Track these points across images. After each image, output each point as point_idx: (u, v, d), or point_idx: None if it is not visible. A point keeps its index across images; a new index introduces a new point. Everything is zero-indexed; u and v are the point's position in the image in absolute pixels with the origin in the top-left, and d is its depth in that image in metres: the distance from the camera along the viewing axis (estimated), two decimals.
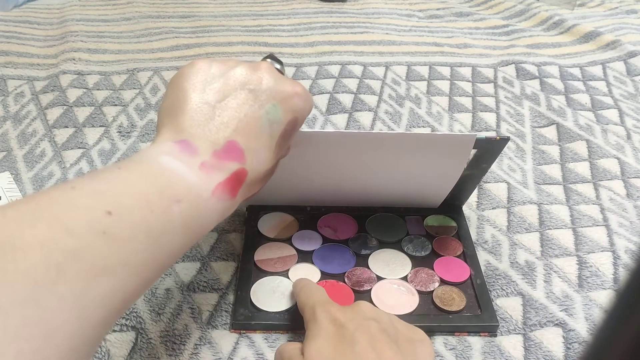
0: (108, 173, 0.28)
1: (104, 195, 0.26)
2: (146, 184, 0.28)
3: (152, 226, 0.27)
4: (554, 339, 0.43)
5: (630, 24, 1.04)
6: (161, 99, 0.72)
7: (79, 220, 0.24)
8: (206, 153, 0.30)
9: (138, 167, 0.29)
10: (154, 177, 0.28)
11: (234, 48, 0.86)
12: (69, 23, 0.93)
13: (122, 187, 0.27)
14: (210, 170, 0.30)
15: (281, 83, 0.34)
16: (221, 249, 0.50)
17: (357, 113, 0.71)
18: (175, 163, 0.29)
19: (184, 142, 0.30)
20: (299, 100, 0.34)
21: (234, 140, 0.31)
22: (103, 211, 0.25)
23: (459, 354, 0.41)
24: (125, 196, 0.26)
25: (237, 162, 0.31)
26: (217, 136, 0.31)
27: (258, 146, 0.32)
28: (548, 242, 0.52)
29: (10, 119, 0.67)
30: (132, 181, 0.28)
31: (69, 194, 0.25)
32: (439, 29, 0.99)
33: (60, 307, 0.22)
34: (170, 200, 0.28)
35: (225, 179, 0.30)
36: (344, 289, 0.45)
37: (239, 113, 0.32)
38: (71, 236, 0.23)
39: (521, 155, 0.65)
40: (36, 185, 0.56)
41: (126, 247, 0.25)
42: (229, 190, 0.31)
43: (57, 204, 0.25)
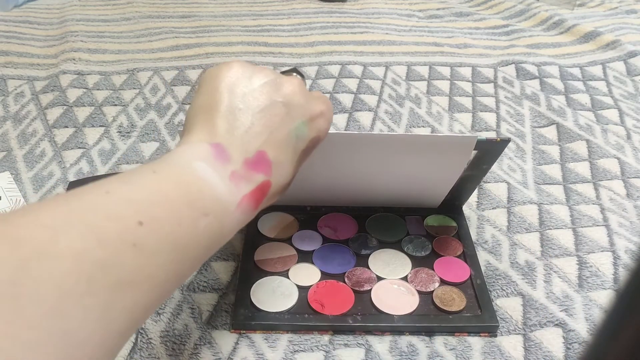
0: (142, 177, 0.28)
1: (136, 203, 0.26)
2: (178, 194, 0.27)
3: (179, 239, 0.27)
4: (554, 339, 0.43)
5: (630, 24, 1.04)
6: (161, 99, 0.72)
7: (111, 230, 0.24)
8: (238, 162, 0.30)
9: (171, 172, 0.28)
10: (186, 186, 0.28)
11: (234, 48, 0.86)
12: (69, 23, 0.93)
13: (155, 196, 0.27)
14: (239, 180, 0.30)
15: (311, 101, 0.35)
16: (221, 249, 0.50)
17: (357, 113, 0.71)
18: (208, 171, 0.29)
19: (218, 146, 0.30)
20: (324, 121, 0.35)
21: (265, 151, 0.31)
22: (135, 221, 0.25)
23: (459, 354, 0.41)
24: (157, 206, 0.26)
25: (264, 174, 0.31)
26: (249, 145, 0.31)
27: (284, 159, 0.32)
28: (548, 242, 0.52)
29: (10, 119, 0.67)
30: (165, 190, 0.27)
31: (103, 199, 0.25)
32: (439, 29, 0.99)
33: (86, 320, 0.22)
34: (199, 213, 0.27)
35: (251, 190, 0.30)
36: (344, 289, 0.45)
37: (272, 124, 0.32)
38: (103, 247, 0.23)
39: (521, 155, 0.65)
40: (36, 185, 0.56)
41: (153, 261, 0.25)
42: (253, 203, 0.31)
43: (91, 210, 0.24)
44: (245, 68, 0.34)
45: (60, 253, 0.22)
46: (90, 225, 0.23)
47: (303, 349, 0.41)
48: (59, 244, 0.22)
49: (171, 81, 0.76)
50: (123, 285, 0.23)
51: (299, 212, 0.52)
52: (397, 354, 0.41)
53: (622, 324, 0.16)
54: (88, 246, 0.23)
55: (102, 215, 0.24)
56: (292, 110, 0.33)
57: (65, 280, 0.22)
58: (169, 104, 0.71)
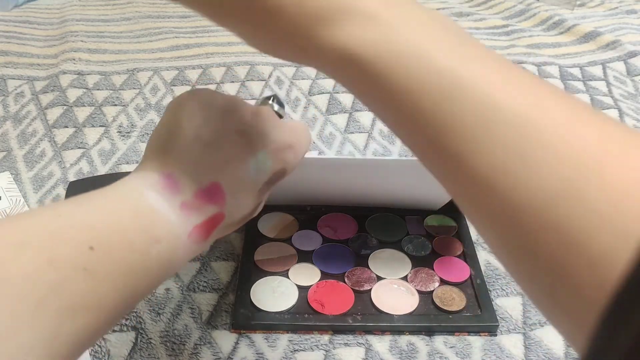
0: (94, 202, 0.28)
1: (88, 228, 0.26)
2: (130, 221, 0.27)
3: (131, 265, 0.26)
4: (554, 337, 0.43)
5: (630, 24, 1.04)
6: (161, 99, 0.72)
7: (62, 254, 0.24)
8: (189, 192, 0.29)
9: (123, 199, 0.28)
10: (137, 213, 0.28)
11: (233, 48, 0.86)
12: (69, 23, 0.93)
13: (106, 221, 0.26)
14: (190, 211, 0.29)
15: (277, 133, 0.33)
16: (221, 249, 0.50)
17: (357, 113, 0.71)
18: (159, 200, 0.28)
19: (169, 176, 0.30)
20: (291, 153, 0.33)
21: (218, 183, 0.30)
22: (87, 246, 0.24)
23: (459, 352, 0.41)
24: (109, 232, 0.26)
25: (217, 205, 0.30)
26: (202, 176, 0.30)
27: (240, 191, 0.31)
28: None
29: (10, 119, 0.67)
30: (117, 215, 0.27)
31: (55, 222, 0.25)
32: None
33: (34, 345, 0.22)
34: (150, 240, 0.27)
35: (202, 221, 0.30)
36: (344, 289, 0.45)
37: (228, 155, 0.31)
38: (54, 270, 0.23)
39: None
40: (36, 185, 0.56)
41: (104, 286, 0.25)
42: (203, 233, 0.30)
43: (43, 233, 0.24)
44: (208, 97, 0.32)
45: (11, 274, 0.22)
46: (41, 247, 0.23)
47: (303, 348, 0.41)
48: (11, 266, 0.22)
49: (171, 81, 0.76)
50: (73, 309, 0.23)
51: (299, 212, 0.52)
52: (397, 353, 0.41)
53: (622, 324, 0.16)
54: (40, 268, 0.23)
55: (54, 238, 0.24)
56: (253, 141, 0.32)
57: (16, 303, 0.21)
58: None
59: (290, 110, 0.71)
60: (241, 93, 0.74)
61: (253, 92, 0.74)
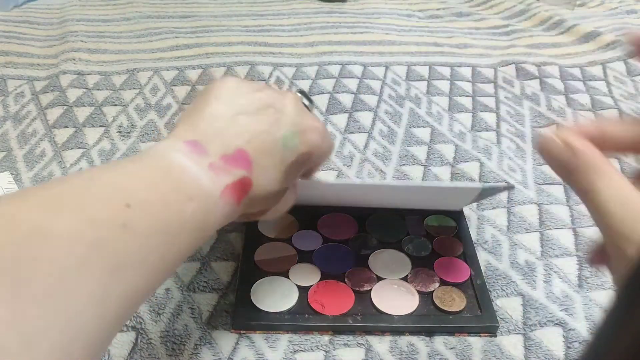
0: (122, 166, 0.28)
1: (122, 187, 0.26)
2: (162, 179, 0.28)
3: (168, 223, 0.27)
4: (554, 338, 0.43)
5: (630, 24, 1.04)
6: (161, 99, 0.72)
7: (101, 212, 0.24)
8: (215, 155, 0.30)
9: (151, 161, 0.29)
10: (168, 172, 0.28)
11: (234, 48, 0.86)
12: (69, 23, 0.93)
13: (138, 181, 0.27)
14: (218, 171, 0.30)
15: (303, 115, 0.34)
16: (221, 249, 0.50)
17: (357, 113, 0.71)
18: (186, 161, 0.29)
19: (193, 142, 0.30)
20: (317, 135, 0.34)
21: (246, 150, 0.31)
22: (123, 203, 0.25)
23: (459, 353, 0.41)
24: (142, 190, 0.26)
25: (244, 169, 0.31)
26: (229, 143, 0.31)
27: (267, 164, 0.32)
28: (548, 242, 0.52)
29: (10, 119, 0.67)
30: (148, 176, 0.28)
31: (88, 184, 0.25)
32: (439, 29, 0.99)
33: (85, 303, 0.22)
34: (184, 198, 0.28)
35: (232, 182, 0.30)
36: (344, 289, 0.45)
37: (258, 127, 0.32)
38: (95, 229, 0.23)
39: (521, 155, 0.65)
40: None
41: (144, 243, 0.25)
42: (235, 195, 0.30)
43: (79, 194, 0.24)
44: (238, 82, 0.34)
45: (54, 233, 0.22)
46: (80, 206, 0.24)
47: (303, 349, 0.41)
48: (51, 226, 0.22)
49: (171, 81, 0.76)
50: (117, 267, 0.23)
51: (299, 212, 0.52)
52: (397, 353, 0.41)
53: (622, 324, 0.16)
54: (81, 227, 0.23)
55: (90, 197, 0.24)
56: (282, 119, 0.33)
57: (63, 261, 0.21)
58: (169, 104, 0.71)
59: None
60: None
61: None
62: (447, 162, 0.62)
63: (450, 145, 0.65)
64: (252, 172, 0.31)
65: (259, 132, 0.32)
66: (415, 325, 0.43)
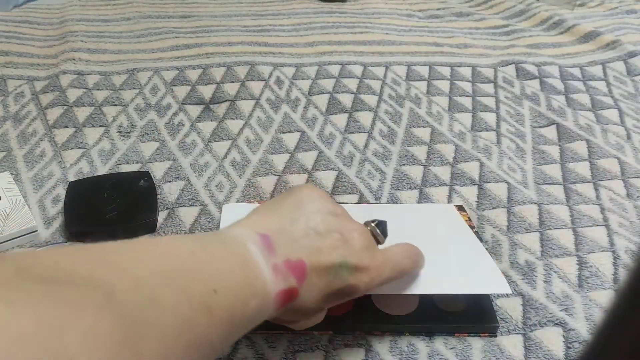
0: (214, 246, 0.30)
1: (212, 272, 0.28)
2: (240, 271, 0.29)
3: (234, 313, 0.28)
4: (554, 338, 0.43)
5: (630, 24, 1.04)
6: (161, 99, 0.72)
7: (196, 292, 0.26)
8: (280, 257, 0.32)
9: (234, 248, 0.31)
10: (245, 265, 0.30)
11: (234, 48, 0.86)
12: (69, 23, 0.93)
13: (224, 268, 0.29)
14: (278, 274, 0.31)
15: (366, 253, 0.35)
16: None
17: (357, 113, 0.71)
18: (259, 255, 0.31)
19: (266, 236, 0.32)
20: (369, 278, 0.35)
21: (305, 263, 0.32)
22: (212, 288, 0.27)
23: (459, 353, 0.41)
24: (226, 278, 0.28)
25: (298, 280, 0.32)
26: (293, 250, 0.32)
27: (316, 283, 0.33)
28: (548, 242, 0.52)
29: (10, 119, 0.67)
30: (231, 263, 0.29)
31: (190, 260, 0.28)
32: (439, 29, 0.99)
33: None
34: (252, 293, 0.29)
35: (285, 289, 0.31)
36: None
37: (321, 247, 0.33)
38: (190, 307, 0.25)
39: (521, 155, 0.65)
40: (36, 185, 0.56)
41: (218, 327, 0.27)
42: (283, 300, 0.31)
43: (182, 269, 0.27)
44: (322, 195, 0.36)
45: (159, 305, 0.24)
46: (182, 284, 0.26)
47: (303, 349, 0.41)
48: (158, 297, 0.24)
49: (171, 81, 0.76)
50: (199, 344, 0.25)
51: None
52: (397, 353, 0.41)
53: (622, 324, 0.16)
54: (179, 303, 0.25)
55: (190, 276, 0.27)
56: (345, 247, 0.34)
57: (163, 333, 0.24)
58: (169, 104, 0.71)
59: (290, 110, 0.71)
60: (241, 93, 0.74)
61: (253, 92, 0.74)
62: (447, 162, 0.62)
63: (450, 145, 0.65)
64: (303, 285, 0.32)
65: (320, 252, 0.33)
66: (415, 325, 0.43)
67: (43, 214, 0.53)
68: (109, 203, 0.52)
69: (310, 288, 0.33)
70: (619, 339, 0.15)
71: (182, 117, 0.68)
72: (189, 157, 0.61)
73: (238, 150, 0.63)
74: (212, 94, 0.73)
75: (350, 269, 0.34)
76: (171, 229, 0.52)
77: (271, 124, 0.68)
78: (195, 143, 0.64)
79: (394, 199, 0.56)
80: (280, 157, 0.62)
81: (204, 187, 0.57)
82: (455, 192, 0.58)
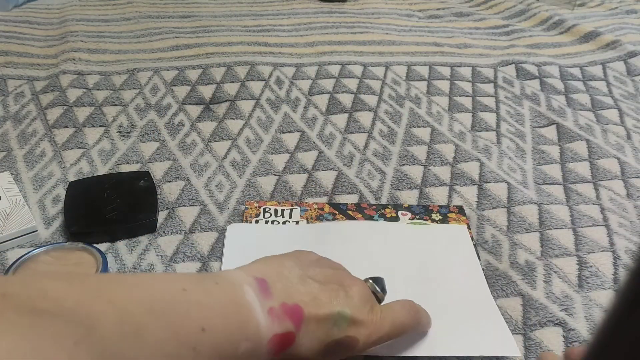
0: (207, 285, 0.30)
1: (202, 310, 0.28)
2: (233, 313, 0.30)
3: (222, 354, 0.28)
4: (554, 338, 0.43)
5: (630, 24, 1.04)
6: (161, 99, 0.72)
7: (183, 330, 0.26)
8: (277, 300, 0.32)
9: (228, 288, 0.31)
10: (238, 308, 0.30)
11: (233, 48, 0.86)
12: (69, 23, 0.93)
13: (215, 308, 0.29)
14: (274, 318, 0.31)
15: (365, 306, 0.35)
16: (221, 249, 0.50)
17: (357, 113, 0.71)
18: (254, 298, 0.31)
19: (263, 280, 0.32)
20: (367, 332, 0.34)
21: (302, 308, 0.32)
22: (200, 327, 0.27)
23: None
24: (216, 318, 0.29)
25: (294, 325, 0.32)
26: (291, 294, 0.33)
27: (314, 330, 0.33)
28: (548, 242, 0.52)
29: (10, 119, 0.67)
30: (223, 304, 0.30)
31: (180, 296, 0.28)
32: (439, 29, 0.99)
33: None
34: (243, 336, 0.29)
35: (280, 333, 0.31)
36: None
37: (318, 295, 0.34)
38: (175, 345, 0.26)
39: (521, 155, 0.65)
40: (36, 185, 0.56)
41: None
42: (278, 346, 0.31)
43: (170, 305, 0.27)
44: (322, 257, 0.37)
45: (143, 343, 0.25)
46: (168, 320, 0.26)
47: None
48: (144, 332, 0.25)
49: (171, 81, 0.76)
50: None
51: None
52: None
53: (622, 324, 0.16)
54: (164, 341, 0.25)
55: (178, 313, 0.27)
56: (343, 297, 0.34)
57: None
58: (169, 104, 0.71)
59: (290, 110, 0.71)
60: (241, 93, 0.74)
61: (253, 92, 0.74)
62: (447, 162, 0.62)
63: (450, 145, 0.65)
64: (299, 331, 0.32)
65: (318, 299, 0.33)
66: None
67: (43, 214, 0.53)
68: (109, 203, 0.52)
69: (307, 335, 0.32)
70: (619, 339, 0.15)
71: (182, 117, 0.68)
72: (189, 157, 0.61)
73: (238, 150, 0.63)
74: (212, 94, 0.73)
75: (349, 320, 0.34)
76: (171, 229, 0.52)
77: (271, 124, 0.68)
78: (195, 143, 0.64)
79: (394, 199, 0.56)
80: (280, 157, 0.62)
81: (204, 187, 0.57)
82: (455, 192, 0.58)
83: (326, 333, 0.33)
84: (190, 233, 0.51)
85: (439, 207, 0.54)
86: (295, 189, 0.57)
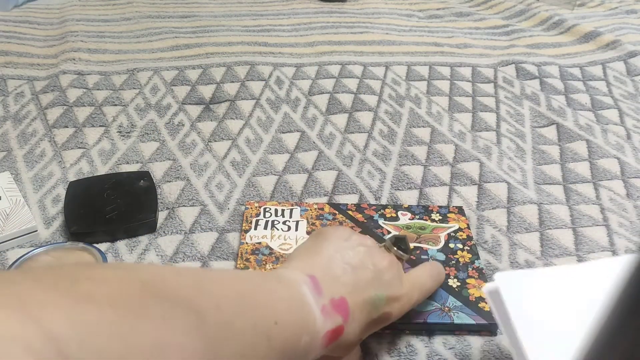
0: (273, 284, 0.33)
1: (274, 305, 0.31)
2: (297, 309, 0.32)
3: (287, 346, 0.30)
4: None
5: (630, 24, 1.04)
6: (161, 99, 0.72)
7: (260, 320, 0.29)
8: (327, 297, 0.34)
9: (290, 287, 0.33)
10: (301, 305, 0.32)
11: (234, 48, 0.86)
12: (69, 23, 0.93)
13: (284, 304, 0.31)
14: (326, 314, 0.33)
15: (398, 283, 0.37)
16: (221, 248, 0.50)
17: (357, 113, 0.71)
18: (310, 297, 0.33)
19: (314, 278, 0.34)
20: (401, 305, 0.37)
21: (347, 300, 0.34)
22: (273, 320, 0.29)
23: (458, 352, 0.41)
24: (285, 313, 0.31)
25: (343, 318, 0.34)
26: (336, 288, 0.35)
27: (357, 317, 0.35)
28: (548, 242, 0.52)
29: (10, 119, 0.67)
30: (290, 300, 0.32)
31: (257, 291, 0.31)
32: (439, 29, 0.99)
33: None
34: (304, 330, 0.32)
35: (333, 328, 0.33)
36: None
37: (358, 282, 0.35)
38: (254, 333, 0.28)
39: (521, 155, 0.65)
40: (36, 185, 0.56)
41: (272, 357, 0.29)
42: (330, 339, 0.33)
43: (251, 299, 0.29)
44: (349, 233, 0.38)
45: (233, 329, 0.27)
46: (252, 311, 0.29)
47: None
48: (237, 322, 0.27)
49: (171, 81, 0.76)
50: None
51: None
52: (396, 355, 0.41)
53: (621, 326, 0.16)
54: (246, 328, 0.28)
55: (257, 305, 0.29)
56: (378, 281, 0.36)
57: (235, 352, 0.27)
58: (169, 104, 0.71)
59: (290, 110, 0.71)
60: (241, 93, 0.74)
61: (253, 92, 0.74)
62: (447, 162, 0.62)
63: (450, 145, 0.65)
64: (347, 321, 0.34)
65: (358, 287, 0.35)
66: (416, 323, 0.43)
67: (43, 214, 0.53)
68: (109, 203, 0.52)
69: (352, 323, 0.35)
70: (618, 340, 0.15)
71: (182, 117, 0.68)
72: (189, 157, 0.61)
73: (238, 150, 0.63)
74: (212, 94, 0.73)
75: (385, 300, 0.36)
76: (171, 228, 0.52)
77: (271, 124, 0.68)
78: (195, 143, 0.64)
79: (394, 199, 0.56)
80: (280, 157, 0.62)
81: (204, 187, 0.57)
82: (455, 192, 0.58)
83: (367, 315, 0.36)
84: (191, 233, 0.51)
85: (439, 207, 0.54)
86: (295, 189, 0.57)
